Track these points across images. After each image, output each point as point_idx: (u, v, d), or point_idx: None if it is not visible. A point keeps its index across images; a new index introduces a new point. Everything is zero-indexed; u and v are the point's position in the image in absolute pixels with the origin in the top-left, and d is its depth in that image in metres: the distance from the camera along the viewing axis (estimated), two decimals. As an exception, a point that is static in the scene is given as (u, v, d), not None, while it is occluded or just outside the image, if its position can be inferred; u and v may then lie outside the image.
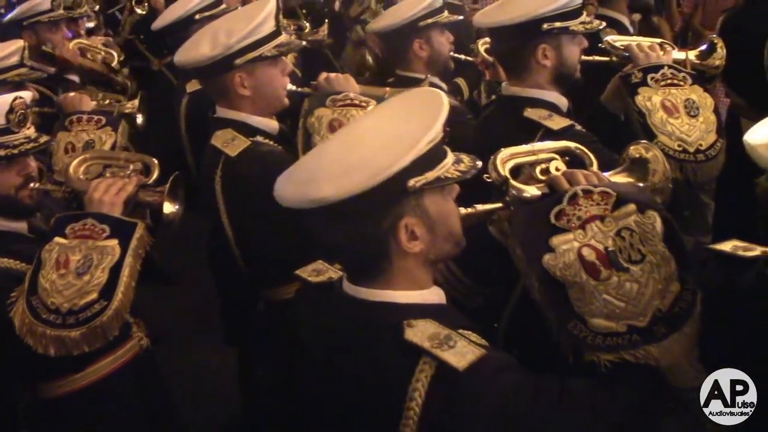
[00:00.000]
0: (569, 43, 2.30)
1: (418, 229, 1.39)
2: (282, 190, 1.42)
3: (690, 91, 2.33)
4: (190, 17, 3.12)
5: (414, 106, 1.48)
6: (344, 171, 1.34)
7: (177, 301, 4.45)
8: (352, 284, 1.46)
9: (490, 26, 2.36)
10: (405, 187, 1.34)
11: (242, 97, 2.28)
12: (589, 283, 1.44)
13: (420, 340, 1.32)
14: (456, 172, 1.41)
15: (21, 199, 2.10)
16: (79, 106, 3.01)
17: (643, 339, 1.42)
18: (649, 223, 1.48)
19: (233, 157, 2.22)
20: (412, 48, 2.90)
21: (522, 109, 2.26)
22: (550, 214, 1.51)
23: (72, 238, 1.96)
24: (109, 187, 2.05)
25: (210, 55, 2.21)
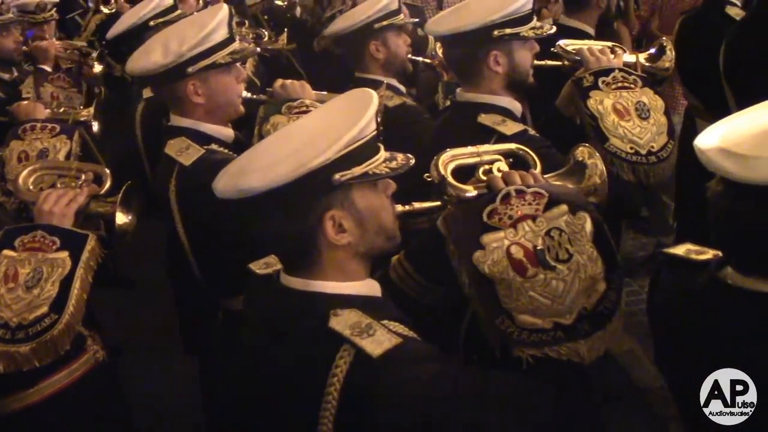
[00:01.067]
0: (521, 48, 2.34)
1: (345, 222, 1.45)
2: (217, 182, 1.48)
3: (641, 94, 2.37)
4: (144, 24, 3.11)
5: (346, 105, 1.55)
6: (272, 163, 1.40)
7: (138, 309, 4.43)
8: (287, 275, 1.52)
9: (441, 34, 2.39)
10: (330, 181, 1.39)
11: (196, 105, 2.28)
12: (516, 280, 1.49)
13: (342, 328, 1.38)
14: (386, 169, 1.46)
15: None
16: (32, 114, 2.99)
17: (567, 336, 1.47)
18: (579, 223, 1.53)
19: (187, 167, 2.22)
20: (368, 50, 2.92)
21: (476, 115, 2.29)
22: (483, 212, 1.57)
23: (21, 250, 1.95)
24: (60, 198, 2.04)
25: (162, 63, 2.21)
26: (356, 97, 1.56)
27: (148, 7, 3.13)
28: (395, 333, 1.39)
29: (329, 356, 1.36)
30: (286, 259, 1.54)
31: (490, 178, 1.67)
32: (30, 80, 3.88)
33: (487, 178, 1.68)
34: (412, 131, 2.62)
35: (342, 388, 1.34)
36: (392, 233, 1.56)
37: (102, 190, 2.17)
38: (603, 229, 1.54)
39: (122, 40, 3.21)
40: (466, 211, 1.63)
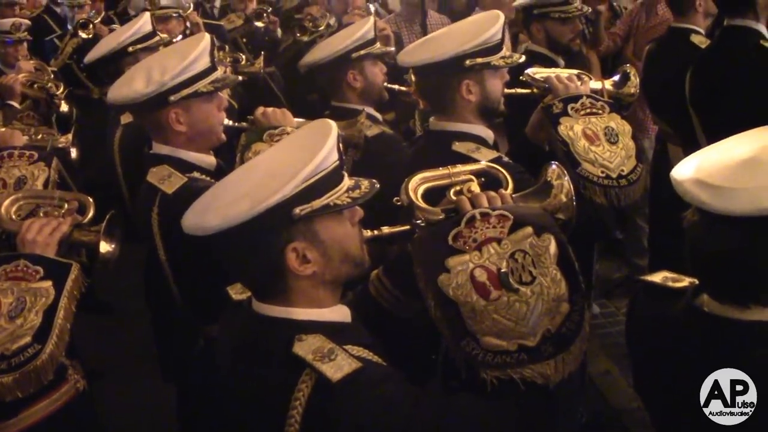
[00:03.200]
0: (492, 77, 2.42)
1: (309, 252, 1.49)
2: (184, 219, 1.55)
3: (609, 119, 2.48)
4: (123, 49, 3.17)
5: (305, 138, 1.60)
6: (232, 201, 1.46)
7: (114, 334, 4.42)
8: (258, 301, 1.57)
9: (413, 65, 2.47)
10: (290, 215, 1.44)
11: (178, 133, 2.33)
12: (479, 303, 1.54)
13: (305, 353, 1.43)
14: (347, 199, 1.51)
15: None
16: (10, 141, 3.00)
17: (531, 358, 1.51)
18: (544, 245, 1.58)
19: (170, 195, 2.26)
20: (345, 79, 2.97)
21: (450, 143, 2.37)
22: (449, 235, 1.62)
23: (3, 280, 1.95)
24: (43, 228, 2.06)
25: (144, 92, 2.25)
26: (315, 130, 1.60)
27: (128, 32, 3.19)
28: (356, 357, 1.43)
29: (292, 381, 1.41)
30: (254, 288, 1.59)
31: (458, 200, 1.72)
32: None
33: (456, 199, 1.74)
34: (391, 160, 2.68)
35: (304, 412, 1.38)
36: (359, 260, 1.60)
37: (85, 218, 2.19)
38: (567, 251, 1.60)
39: (101, 64, 3.26)
40: (432, 234, 1.68)
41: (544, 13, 3.43)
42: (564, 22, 3.43)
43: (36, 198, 2.32)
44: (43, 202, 2.30)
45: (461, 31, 2.45)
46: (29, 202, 2.30)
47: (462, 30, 2.45)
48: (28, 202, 2.30)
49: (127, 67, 3.06)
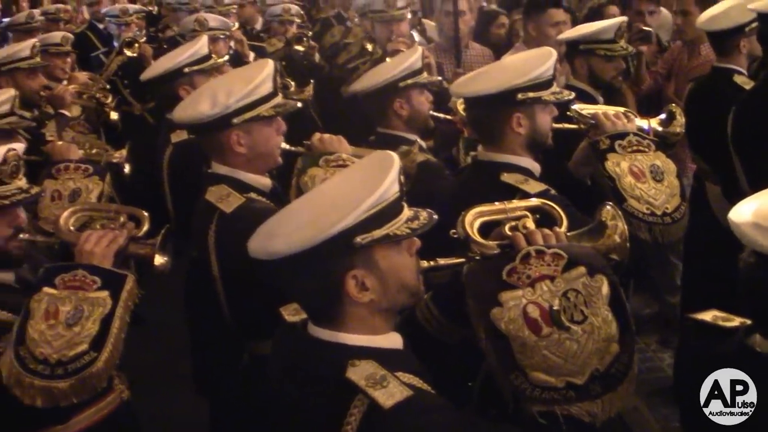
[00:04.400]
0: (541, 111, 2.49)
1: (368, 281, 1.54)
2: (250, 243, 1.61)
3: (654, 157, 2.54)
4: (178, 70, 3.25)
5: (367, 168, 1.66)
6: (296, 228, 1.53)
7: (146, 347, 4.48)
8: (313, 324, 1.62)
9: (466, 96, 2.55)
10: (351, 244, 1.50)
11: (238, 154, 2.40)
12: (530, 339, 1.59)
13: (357, 379, 1.46)
14: (407, 229, 1.55)
15: (9, 250, 2.18)
16: (66, 154, 3.13)
17: (578, 396, 1.55)
18: (596, 286, 1.63)
19: (228, 213, 2.32)
20: (392, 107, 3.04)
21: (498, 173, 2.43)
22: (503, 270, 1.67)
23: (62, 288, 2.01)
24: (100, 239, 2.13)
25: (209, 114, 2.33)
26: (378, 161, 1.66)
27: (185, 54, 3.28)
28: (408, 385, 1.47)
29: (344, 405, 1.45)
30: (311, 312, 1.64)
31: (514, 236, 1.77)
32: (52, 124, 4.03)
33: (511, 235, 1.78)
34: (435, 188, 2.74)
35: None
36: (415, 290, 1.64)
37: (140, 232, 2.26)
38: (619, 292, 1.64)
39: (156, 83, 3.36)
40: (486, 267, 1.73)
41: (590, 49, 3.46)
42: (609, 60, 3.47)
43: (94, 211, 2.41)
44: (99, 214, 2.39)
45: (514, 65, 2.53)
46: (86, 214, 2.39)
47: (515, 64, 2.54)
48: (84, 215, 2.38)
49: (182, 87, 3.23)
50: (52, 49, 4.67)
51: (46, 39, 4.76)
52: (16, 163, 2.20)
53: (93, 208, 2.45)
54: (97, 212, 2.39)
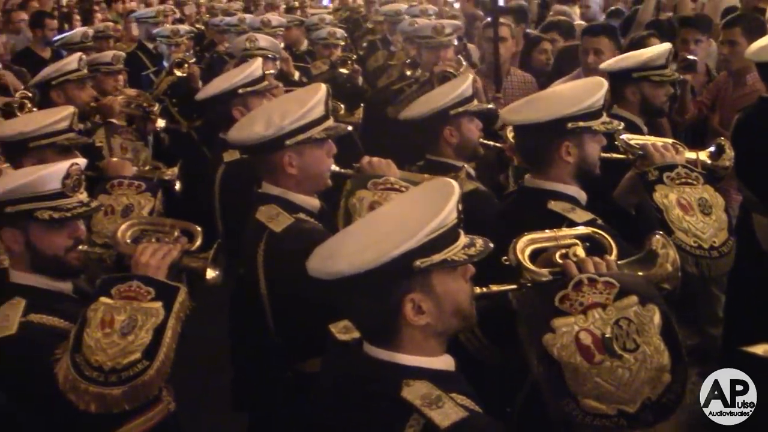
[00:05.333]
0: (591, 141, 2.51)
1: (424, 304, 1.58)
2: (310, 262, 1.67)
3: (703, 190, 2.55)
4: (233, 91, 3.32)
5: (428, 194, 1.70)
6: (358, 250, 1.57)
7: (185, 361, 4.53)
8: (368, 344, 1.66)
9: (518, 123, 2.57)
10: (411, 267, 1.54)
11: (289, 175, 2.46)
12: (583, 366, 1.61)
13: (413, 398, 1.51)
14: (464, 255, 1.59)
15: (69, 260, 2.26)
16: (121, 171, 3.22)
17: (630, 424, 1.58)
18: (648, 315, 1.65)
19: (278, 233, 2.39)
20: (442, 135, 3.06)
21: (545, 201, 2.45)
22: (555, 297, 1.71)
23: (117, 298, 2.08)
24: (156, 252, 2.20)
25: (263, 135, 2.40)
26: (438, 187, 1.71)
27: (240, 75, 3.35)
28: (462, 406, 1.51)
29: (399, 424, 1.49)
30: (367, 332, 1.68)
31: (566, 264, 1.81)
32: (102, 132, 4.17)
33: (563, 263, 1.82)
34: (482, 217, 2.72)
35: None
36: (468, 315, 1.68)
37: (193, 246, 2.30)
38: (671, 322, 1.66)
39: (210, 103, 3.44)
40: (539, 294, 1.77)
41: (643, 76, 3.45)
42: (660, 86, 3.47)
43: (149, 225, 2.46)
44: (154, 228, 2.42)
45: (565, 94, 2.55)
46: (142, 228, 2.44)
47: (566, 93, 2.55)
48: (140, 228, 2.44)
49: (235, 108, 3.31)
50: (103, 68, 4.81)
51: (98, 58, 4.89)
52: (78, 178, 2.29)
53: (149, 222, 2.49)
54: (152, 226, 2.43)
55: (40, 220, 2.17)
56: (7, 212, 2.18)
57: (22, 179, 2.19)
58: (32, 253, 2.21)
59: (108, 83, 4.81)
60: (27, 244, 2.21)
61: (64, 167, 2.25)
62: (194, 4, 10.46)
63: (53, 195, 2.20)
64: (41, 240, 2.21)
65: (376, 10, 7.98)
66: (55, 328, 2.15)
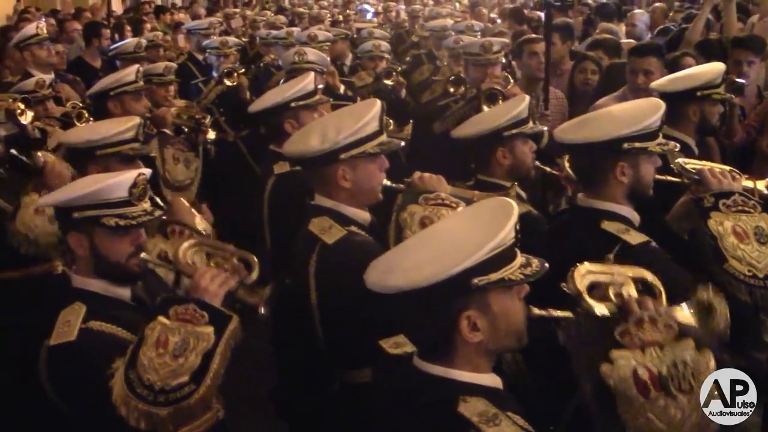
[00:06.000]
0: (646, 162, 2.50)
1: (479, 321, 1.60)
2: (368, 276, 1.70)
3: (759, 219, 2.50)
4: (285, 104, 3.34)
5: (487, 213, 1.72)
6: (416, 266, 1.59)
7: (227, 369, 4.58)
8: (421, 359, 1.69)
9: (572, 143, 2.56)
10: (468, 285, 1.56)
11: (342, 189, 2.49)
12: (638, 400, 1.64)
13: (470, 414, 1.53)
14: (520, 275, 1.62)
15: (130, 266, 2.30)
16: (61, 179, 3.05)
17: None
18: (704, 360, 1.68)
19: (330, 245, 2.42)
20: (495, 156, 3.02)
21: (599, 221, 2.45)
22: (616, 330, 1.74)
23: (174, 319, 2.10)
24: (215, 278, 2.21)
25: (319, 149, 2.44)
26: (497, 206, 1.73)
27: (293, 89, 3.37)
28: (519, 426, 1.54)
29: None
30: (421, 347, 1.70)
31: (626, 300, 1.83)
32: (154, 142, 4.24)
33: (626, 300, 1.84)
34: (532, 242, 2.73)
35: None
36: (521, 334, 1.70)
37: (250, 278, 2.31)
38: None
39: (263, 115, 3.47)
40: (599, 325, 1.80)
41: (707, 94, 3.41)
42: (716, 103, 3.46)
43: (210, 247, 2.48)
44: (214, 251, 2.45)
45: (622, 114, 2.53)
46: (203, 249, 2.45)
47: (623, 113, 2.54)
48: (201, 249, 2.45)
49: (287, 121, 3.33)
50: (155, 78, 4.88)
51: (150, 69, 4.97)
52: (144, 187, 2.33)
53: (211, 245, 2.50)
54: (212, 249, 2.46)
55: (106, 227, 2.22)
56: (74, 217, 2.23)
57: (91, 186, 2.23)
58: (96, 258, 2.26)
59: (159, 94, 4.89)
60: (92, 249, 2.25)
61: (132, 176, 2.29)
62: (241, 18, 10.62)
63: (120, 203, 2.24)
64: (105, 246, 2.25)
65: (421, 25, 8.01)
66: (114, 336, 2.19)
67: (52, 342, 2.16)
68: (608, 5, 8.42)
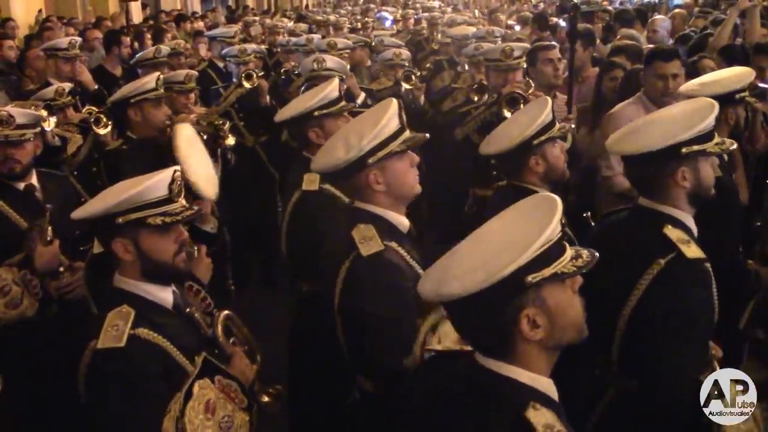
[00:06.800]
0: (704, 163, 2.43)
1: (539, 318, 1.59)
2: (421, 286, 1.69)
3: None
4: (309, 113, 3.25)
5: (531, 211, 1.70)
6: (468, 270, 1.58)
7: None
8: (482, 355, 1.67)
9: (630, 153, 2.48)
10: (523, 283, 1.55)
11: (377, 192, 2.44)
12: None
13: (536, 423, 1.53)
14: (573, 267, 1.60)
15: (177, 264, 2.30)
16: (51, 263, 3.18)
17: None
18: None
19: (364, 258, 2.35)
20: (528, 165, 2.97)
21: (662, 224, 2.38)
22: None
23: (218, 389, 2.15)
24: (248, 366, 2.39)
25: (345, 158, 2.39)
26: (539, 202, 1.71)
27: (316, 98, 3.27)
28: None
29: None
30: (482, 347, 1.68)
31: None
32: (174, 148, 4.23)
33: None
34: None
35: None
36: (581, 327, 1.68)
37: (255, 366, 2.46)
38: None
39: (288, 124, 3.40)
40: None
41: (743, 97, 3.40)
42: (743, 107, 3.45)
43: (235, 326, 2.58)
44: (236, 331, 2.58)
45: (676, 118, 2.46)
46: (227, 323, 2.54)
47: (677, 118, 2.46)
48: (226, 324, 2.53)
49: (311, 130, 3.27)
50: (176, 86, 4.85)
51: (171, 77, 4.93)
52: (180, 183, 2.33)
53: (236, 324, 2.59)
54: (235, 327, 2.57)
55: (152, 226, 2.22)
56: (118, 223, 2.21)
57: (131, 189, 2.21)
58: (143, 260, 2.25)
59: (180, 101, 4.87)
60: (138, 252, 2.24)
61: (169, 174, 2.29)
62: (260, 25, 10.66)
63: (161, 201, 2.24)
64: (151, 246, 2.25)
65: (443, 32, 7.98)
66: (160, 348, 2.18)
67: (100, 345, 2.13)
68: (628, 11, 8.36)
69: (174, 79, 4.94)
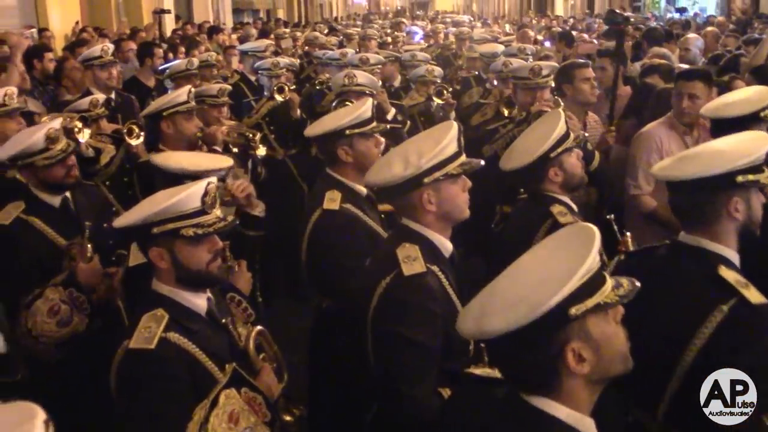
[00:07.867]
0: (756, 195, 2.28)
1: (584, 352, 1.54)
2: (462, 324, 1.64)
3: None
4: (341, 131, 3.20)
5: (568, 241, 1.65)
6: (509, 306, 1.53)
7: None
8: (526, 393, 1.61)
9: (680, 179, 2.31)
10: (567, 316, 1.50)
11: (428, 212, 2.41)
12: None
13: None
14: (615, 297, 1.55)
15: (211, 271, 2.33)
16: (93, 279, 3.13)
17: None
18: None
19: (405, 277, 2.32)
20: (547, 176, 3.01)
21: (715, 265, 2.19)
22: None
23: (244, 400, 2.17)
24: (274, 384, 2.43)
25: (403, 175, 2.37)
26: (576, 233, 1.66)
27: (349, 117, 3.22)
28: None
29: None
30: (525, 384, 1.62)
31: None
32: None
33: None
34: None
35: None
36: (626, 358, 1.62)
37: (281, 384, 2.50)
38: None
39: (317, 141, 3.35)
40: None
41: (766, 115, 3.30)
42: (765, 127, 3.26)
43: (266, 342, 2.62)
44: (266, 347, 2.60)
45: (730, 146, 2.32)
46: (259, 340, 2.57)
47: (731, 146, 2.32)
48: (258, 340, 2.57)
49: (341, 148, 3.20)
50: (209, 100, 4.85)
51: (204, 91, 4.93)
52: (214, 195, 2.36)
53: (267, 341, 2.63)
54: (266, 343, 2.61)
55: (186, 237, 2.25)
56: (154, 233, 2.25)
57: (167, 201, 2.25)
58: (177, 268, 2.29)
59: (211, 114, 4.87)
60: (173, 260, 2.29)
61: (202, 186, 2.32)
62: (291, 39, 10.74)
63: (194, 213, 2.28)
64: (185, 256, 2.29)
65: (471, 47, 7.95)
66: (189, 354, 2.20)
67: (132, 344, 2.17)
68: (657, 29, 8.30)
69: (207, 93, 4.94)
